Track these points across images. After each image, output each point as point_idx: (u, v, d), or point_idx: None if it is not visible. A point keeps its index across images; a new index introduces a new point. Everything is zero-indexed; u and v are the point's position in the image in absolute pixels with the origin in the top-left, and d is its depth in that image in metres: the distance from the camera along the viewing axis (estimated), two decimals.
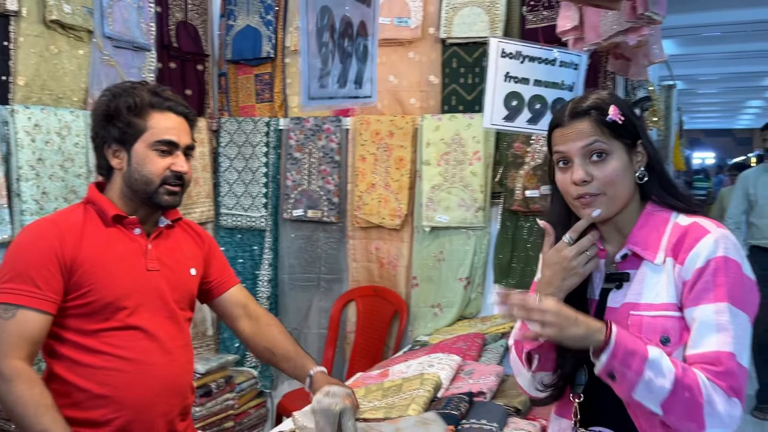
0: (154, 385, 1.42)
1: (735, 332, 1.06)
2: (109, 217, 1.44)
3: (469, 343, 2.46)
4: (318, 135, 3.32)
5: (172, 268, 1.53)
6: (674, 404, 1.04)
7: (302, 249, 3.40)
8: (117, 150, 1.45)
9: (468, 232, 3.04)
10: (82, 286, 1.38)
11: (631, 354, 1.05)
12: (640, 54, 2.50)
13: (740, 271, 1.11)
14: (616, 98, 1.23)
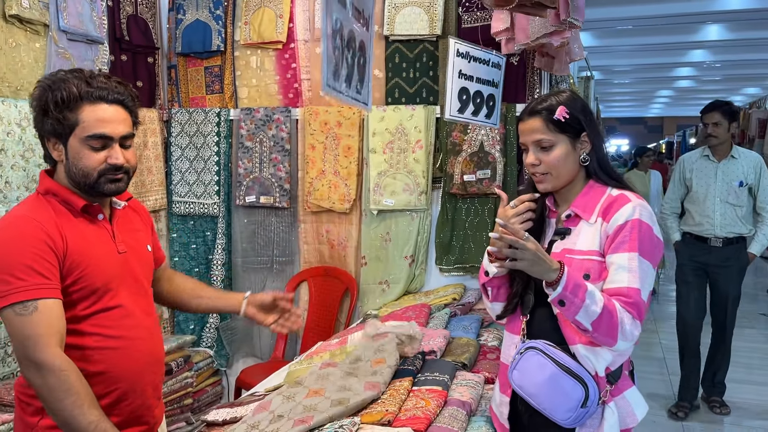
0: (141, 357, 1.51)
1: (640, 275, 1.44)
2: (77, 208, 1.45)
3: (417, 312, 2.74)
4: (268, 125, 3.49)
5: (134, 247, 1.58)
6: (600, 323, 1.40)
7: (255, 233, 3.58)
8: (55, 143, 1.44)
9: (412, 214, 3.32)
10: (71, 274, 1.40)
11: (578, 286, 1.41)
12: (563, 53, 2.83)
13: (651, 232, 1.48)
14: (570, 99, 1.57)
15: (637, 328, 1.44)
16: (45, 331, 1.31)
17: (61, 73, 1.44)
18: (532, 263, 1.40)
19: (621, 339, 1.42)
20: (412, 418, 1.71)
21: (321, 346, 2.55)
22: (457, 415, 1.79)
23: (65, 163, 1.44)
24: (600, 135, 1.60)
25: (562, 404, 1.46)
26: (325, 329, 3.45)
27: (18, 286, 1.32)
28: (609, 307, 1.41)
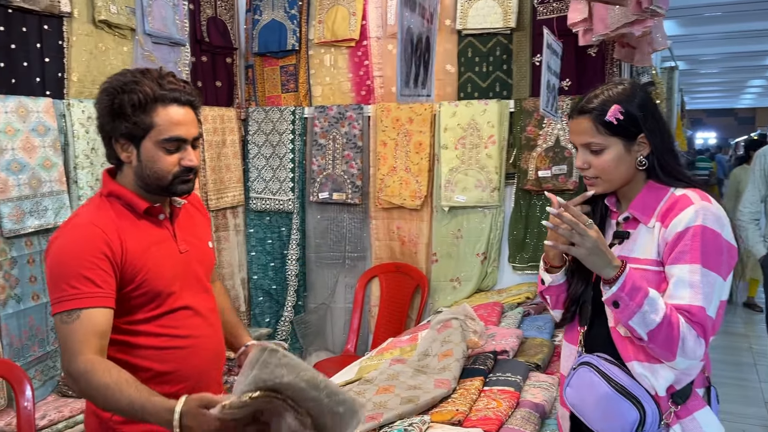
0: (206, 355, 1.52)
1: (704, 290, 1.28)
2: (140, 211, 1.45)
3: (489, 311, 2.70)
4: (341, 122, 3.53)
5: (196, 245, 1.56)
6: (658, 335, 1.27)
7: (328, 229, 3.63)
8: (125, 144, 1.41)
9: (484, 211, 3.27)
10: (134, 279, 1.40)
11: (637, 289, 1.29)
12: (645, 42, 2.71)
13: (718, 239, 1.30)
14: (627, 94, 1.39)
15: (701, 347, 1.29)
16: (81, 339, 1.31)
17: (129, 75, 1.41)
18: (590, 252, 1.30)
19: (681, 356, 1.28)
20: (483, 419, 1.68)
21: (392, 343, 2.56)
22: (529, 418, 1.75)
23: (136, 165, 1.42)
24: (664, 132, 1.42)
25: (616, 427, 1.32)
26: (396, 325, 3.46)
27: (69, 294, 1.32)
28: (672, 319, 1.28)
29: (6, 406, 2.41)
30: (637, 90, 1.42)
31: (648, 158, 1.39)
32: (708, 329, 1.29)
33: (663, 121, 1.42)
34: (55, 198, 2.61)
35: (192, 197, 1.63)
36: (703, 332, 1.28)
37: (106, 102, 1.39)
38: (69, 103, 2.70)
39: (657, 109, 1.42)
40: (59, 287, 1.33)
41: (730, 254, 1.32)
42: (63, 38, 2.70)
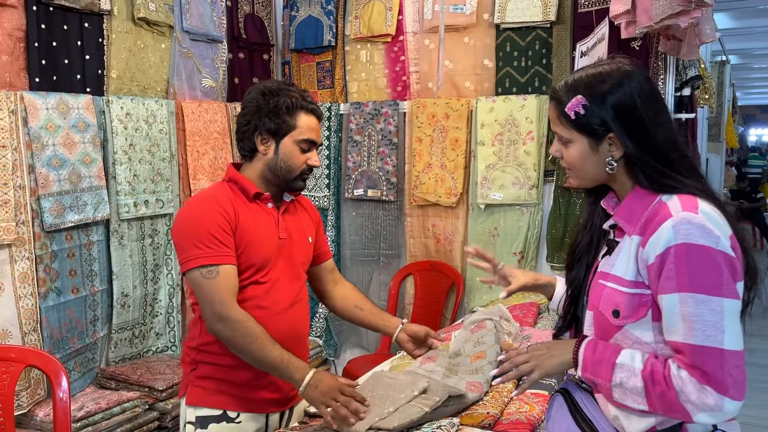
0: (281, 329, 1.64)
1: (698, 322, 1.05)
2: (251, 194, 1.67)
3: (525, 311, 2.64)
4: (377, 118, 3.51)
5: (296, 236, 1.77)
6: (653, 399, 1.08)
7: (363, 226, 3.61)
8: (266, 139, 1.65)
9: (522, 209, 3.20)
10: (239, 247, 1.62)
11: (598, 364, 1.14)
12: (692, 34, 2.59)
13: (709, 254, 1.06)
14: (599, 85, 1.16)
15: (709, 396, 1.03)
16: (226, 291, 1.54)
17: (280, 83, 1.70)
18: (540, 368, 1.25)
19: (695, 413, 1.05)
20: (515, 423, 1.63)
21: None
22: None
23: (271, 157, 1.66)
24: (651, 132, 1.15)
25: None
26: (431, 324, 3.39)
27: (205, 252, 1.55)
28: (655, 377, 1.07)
29: (46, 398, 2.47)
30: (622, 78, 1.16)
31: (623, 162, 1.17)
32: (713, 371, 1.03)
33: (653, 120, 1.15)
34: (95, 193, 2.66)
35: (303, 199, 1.89)
36: (704, 376, 1.03)
37: (261, 101, 1.65)
38: (108, 99, 2.75)
39: (648, 104, 1.15)
40: (193, 245, 1.55)
41: (730, 267, 1.07)
42: (103, 36, 2.75)
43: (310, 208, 1.92)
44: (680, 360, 1.07)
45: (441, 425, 1.56)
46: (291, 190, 1.74)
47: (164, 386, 2.70)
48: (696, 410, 1.05)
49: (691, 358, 1.05)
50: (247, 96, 1.70)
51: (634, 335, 1.15)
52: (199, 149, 3.18)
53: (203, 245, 1.55)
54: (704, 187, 1.16)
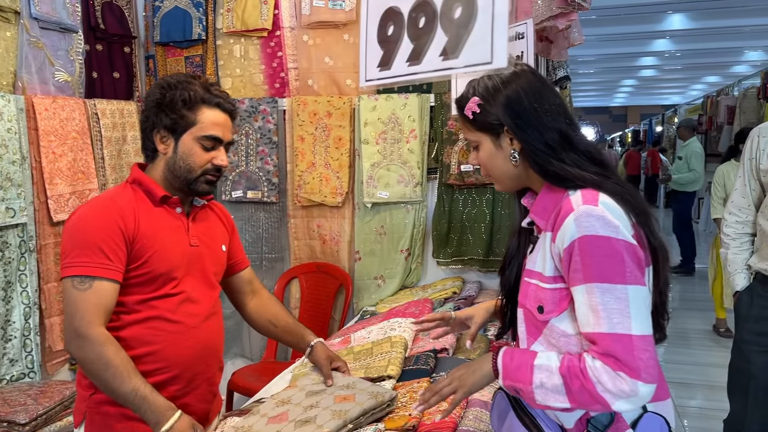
0: (195, 345, 1.56)
1: (605, 311, 1.08)
2: (157, 198, 1.55)
3: (420, 308, 2.65)
4: (254, 116, 3.35)
5: (208, 244, 1.66)
6: (574, 394, 1.10)
7: (243, 230, 3.43)
8: (165, 137, 1.54)
9: (407, 207, 3.22)
10: (140, 258, 1.49)
11: (517, 368, 1.17)
12: (561, 37, 2.77)
13: (608, 245, 1.10)
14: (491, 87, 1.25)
15: (623, 382, 1.06)
16: (93, 308, 1.41)
17: (182, 76, 1.57)
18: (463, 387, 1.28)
19: (614, 400, 1.08)
20: (438, 423, 1.62)
21: None
22: (481, 417, 1.70)
23: (171, 156, 1.54)
24: (542, 127, 1.21)
25: None
26: (319, 328, 3.33)
27: (83, 261, 1.42)
28: (571, 371, 1.10)
29: None
30: (510, 77, 1.25)
31: (521, 155, 1.24)
32: (623, 355, 1.07)
33: (541, 113, 1.21)
34: None
35: (217, 206, 1.77)
36: (616, 363, 1.07)
37: (158, 95, 1.54)
38: None
39: (537, 101, 1.22)
40: (74, 252, 1.43)
41: (633, 255, 1.11)
42: None
43: (223, 214, 1.80)
44: (593, 350, 1.10)
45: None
46: (195, 193, 1.61)
47: (27, 419, 2.36)
48: (614, 398, 1.07)
49: (602, 346, 1.08)
50: (148, 91, 1.60)
51: (559, 329, 1.19)
52: (56, 150, 2.83)
53: (83, 254, 1.43)
54: (606, 179, 1.19)
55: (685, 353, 4.74)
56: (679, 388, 3.96)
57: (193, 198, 1.65)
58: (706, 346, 4.92)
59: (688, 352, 4.77)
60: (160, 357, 1.52)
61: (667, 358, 4.57)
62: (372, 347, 2.19)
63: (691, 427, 3.44)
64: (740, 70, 13.43)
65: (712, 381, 4.02)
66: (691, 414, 3.61)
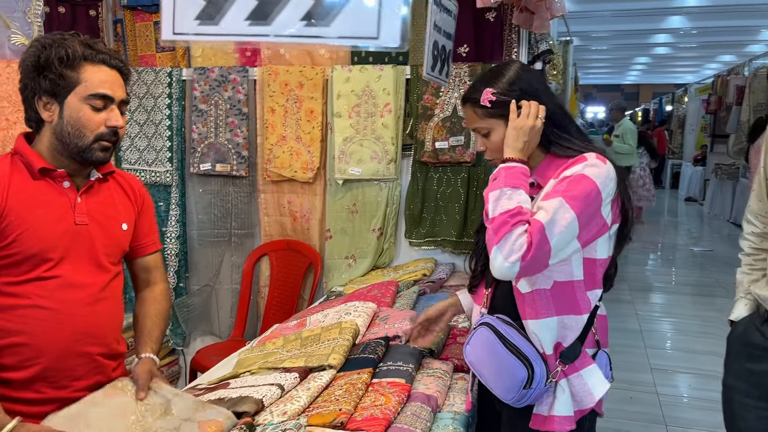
0: (71, 333, 1.41)
1: (554, 215, 1.31)
2: (35, 170, 1.41)
3: (383, 291, 2.53)
4: (224, 86, 3.21)
5: (101, 222, 1.50)
6: (498, 219, 1.34)
7: (212, 204, 3.32)
8: (48, 102, 1.41)
9: (380, 184, 3.09)
10: (6, 237, 1.35)
11: (516, 176, 1.37)
12: (543, 8, 2.59)
13: (590, 187, 1.33)
14: (498, 76, 1.47)
15: (517, 255, 1.30)
16: None
17: (58, 35, 1.42)
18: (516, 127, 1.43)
19: (498, 248, 1.32)
20: (369, 419, 1.51)
21: (276, 330, 2.34)
22: (420, 413, 1.59)
23: (57, 123, 1.40)
24: (549, 106, 1.45)
25: (506, 384, 1.41)
26: (288, 307, 3.23)
27: None
28: (518, 217, 1.33)
29: None
30: (512, 68, 1.49)
31: None
32: (534, 244, 1.30)
33: (545, 94, 1.47)
34: None
35: (126, 179, 1.63)
36: (529, 244, 1.30)
37: (32, 57, 1.39)
38: None
39: (537, 82, 1.48)
40: None
41: (595, 213, 1.36)
42: None
43: (131, 189, 1.63)
44: (533, 226, 1.32)
45: (286, 428, 1.39)
46: (89, 162, 1.45)
47: None
48: (500, 250, 1.31)
49: (534, 229, 1.31)
50: (23, 54, 1.41)
51: None
52: (9, 117, 2.71)
53: None
54: (598, 150, 1.44)
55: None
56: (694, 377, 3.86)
57: (90, 170, 1.50)
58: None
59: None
60: (29, 348, 1.38)
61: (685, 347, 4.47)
62: (321, 333, 2.08)
63: None
64: (756, 50, 13.03)
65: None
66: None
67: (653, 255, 7.83)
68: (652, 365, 4.04)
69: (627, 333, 4.67)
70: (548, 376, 1.40)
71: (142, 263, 1.68)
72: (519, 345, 1.40)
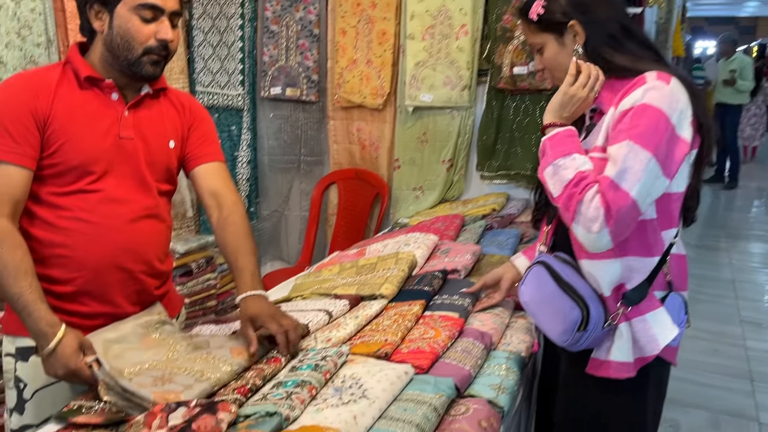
0: (111, 249, 1.39)
1: (625, 163, 1.18)
2: (81, 78, 1.37)
3: (447, 223, 2.43)
4: (295, 6, 3.10)
5: (147, 138, 1.45)
6: (565, 192, 1.23)
7: (282, 129, 3.29)
8: (99, 11, 1.35)
9: (453, 113, 2.92)
10: (51, 145, 1.33)
11: (563, 142, 1.27)
12: None
13: (658, 117, 1.19)
14: None
15: (598, 222, 1.19)
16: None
17: None
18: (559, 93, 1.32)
19: (576, 222, 1.22)
20: (415, 352, 1.43)
21: (335, 257, 2.29)
22: (471, 350, 1.49)
23: (107, 33, 1.35)
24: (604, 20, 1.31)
25: (560, 326, 1.31)
26: (354, 236, 3.19)
27: None
28: (582, 182, 1.22)
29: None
30: None
31: (585, 47, 1.32)
32: (613, 205, 1.18)
33: (603, 7, 1.33)
34: None
35: (178, 96, 1.56)
36: (606, 205, 1.18)
37: None
38: None
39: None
40: None
41: (672, 141, 1.20)
42: None
43: (182, 106, 1.55)
44: (602, 185, 1.20)
45: (327, 355, 1.34)
46: (139, 76, 1.40)
47: None
48: (578, 223, 1.22)
49: (604, 185, 1.19)
50: None
51: None
52: None
53: None
54: (665, 65, 1.29)
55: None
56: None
57: (141, 85, 1.44)
58: None
59: None
60: (72, 261, 1.37)
61: None
62: (377, 262, 2.01)
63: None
64: None
65: None
66: None
67: (757, 201, 7.25)
68: (743, 318, 3.75)
69: (718, 282, 4.35)
70: (606, 319, 1.29)
71: (200, 173, 1.56)
72: (574, 284, 1.29)
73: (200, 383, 1.21)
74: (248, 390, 1.22)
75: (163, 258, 1.54)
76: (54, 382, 1.35)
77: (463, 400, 1.30)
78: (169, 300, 1.60)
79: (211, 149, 1.59)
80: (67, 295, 1.39)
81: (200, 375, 1.24)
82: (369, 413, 1.15)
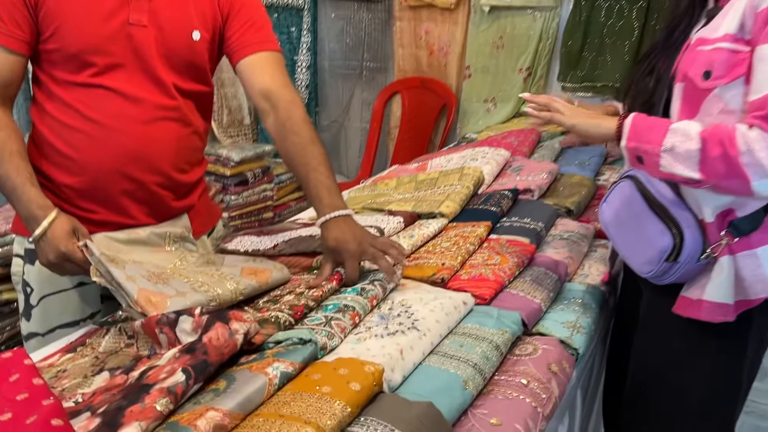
0: (117, 153, 1.22)
1: None
2: None
3: (521, 138, 2.17)
4: None
5: (163, 26, 1.22)
6: (709, 162, 0.98)
7: (344, 32, 3.05)
8: None
9: (534, 14, 2.61)
10: (46, 29, 1.17)
11: (649, 128, 1.06)
12: None
13: None
14: None
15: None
16: None
17: None
18: (574, 119, 1.22)
19: (755, 177, 0.94)
20: (477, 279, 1.24)
21: (394, 170, 2.10)
22: (543, 280, 1.29)
23: None
24: None
25: (644, 254, 1.13)
26: (417, 151, 2.98)
27: None
28: (715, 137, 0.97)
29: None
30: None
31: None
32: None
33: None
34: None
35: None
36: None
37: None
38: None
39: None
40: None
41: None
42: None
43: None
44: (756, 116, 0.95)
45: (375, 279, 1.17)
46: None
47: None
48: (758, 176, 0.94)
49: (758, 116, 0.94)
50: None
51: (722, 100, 1.03)
52: None
53: None
54: None
55: None
56: None
57: None
58: None
59: None
60: (74, 163, 1.22)
61: None
62: (438, 177, 1.80)
63: None
64: None
65: None
66: None
67: None
68: None
69: None
70: (704, 250, 1.07)
71: (246, 67, 1.30)
72: (668, 206, 1.10)
73: (195, 293, 1.05)
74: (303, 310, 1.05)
75: (185, 167, 1.34)
76: (61, 290, 1.25)
77: (530, 338, 1.13)
78: (197, 213, 1.41)
79: (258, 36, 1.32)
80: (69, 200, 1.25)
81: (198, 285, 1.09)
82: (418, 347, 0.98)
